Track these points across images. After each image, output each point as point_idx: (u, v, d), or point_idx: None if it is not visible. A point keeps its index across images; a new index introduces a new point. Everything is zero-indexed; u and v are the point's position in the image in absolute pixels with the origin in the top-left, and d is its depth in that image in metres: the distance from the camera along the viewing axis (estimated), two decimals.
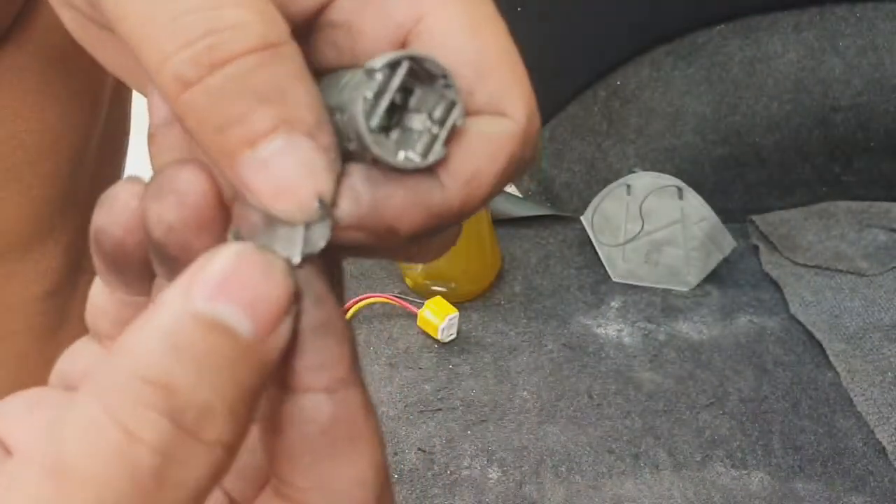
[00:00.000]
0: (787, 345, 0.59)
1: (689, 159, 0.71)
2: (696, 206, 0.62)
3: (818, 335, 0.59)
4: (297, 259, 0.11)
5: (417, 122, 0.11)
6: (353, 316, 0.59)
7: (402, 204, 0.11)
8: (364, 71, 0.11)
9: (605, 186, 0.64)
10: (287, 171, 0.11)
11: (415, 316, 0.58)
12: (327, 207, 0.11)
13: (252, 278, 0.10)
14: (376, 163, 0.11)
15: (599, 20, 0.68)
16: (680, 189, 0.62)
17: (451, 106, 0.11)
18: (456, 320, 0.57)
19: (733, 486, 0.48)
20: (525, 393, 0.54)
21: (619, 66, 0.72)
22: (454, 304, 0.58)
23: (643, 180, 0.63)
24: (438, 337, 0.56)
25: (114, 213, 0.13)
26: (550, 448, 0.50)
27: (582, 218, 0.67)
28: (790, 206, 0.72)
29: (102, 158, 0.37)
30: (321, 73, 0.12)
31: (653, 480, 0.48)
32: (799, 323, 0.61)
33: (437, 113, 0.11)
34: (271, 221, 0.11)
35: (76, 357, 0.14)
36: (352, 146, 0.11)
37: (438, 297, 0.58)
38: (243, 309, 0.10)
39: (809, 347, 0.59)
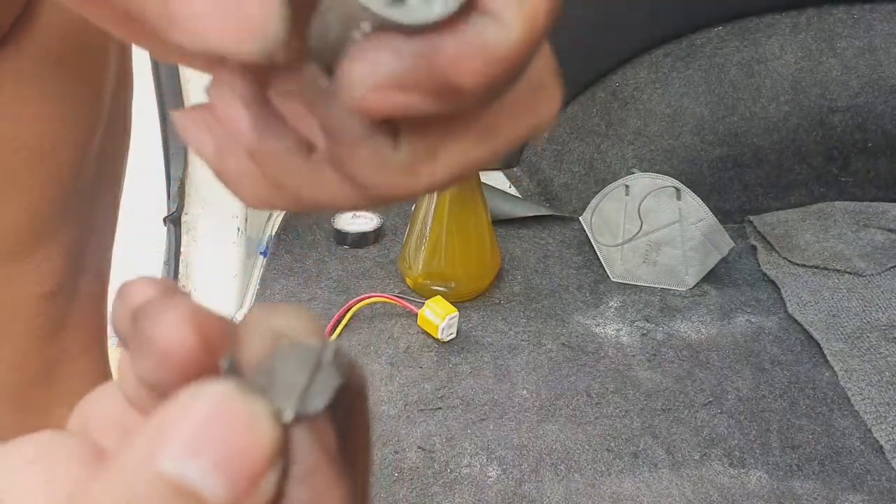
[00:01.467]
0: (785, 344, 0.59)
1: (688, 160, 0.71)
2: (694, 206, 0.62)
3: (816, 335, 0.59)
4: (288, 415, 0.09)
5: None
6: (354, 315, 0.59)
7: (455, 49, 0.09)
8: None
9: (603, 187, 0.64)
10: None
11: (415, 315, 0.58)
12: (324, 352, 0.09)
13: (231, 432, 0.09)
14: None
15: (598, 22, 0.68)
16: (678, 190, 0.62)
17: None
18: (456, 320, 0.57)
19: (731, 485, 0.48)
20: (524, 392, 0.54)
21: (618, 67, 0.72)
22: (454, 303, 0.58)
23: (641, 181, 0.63)
24: (439, 336, 0.57)
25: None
26: (549, 446, 0.50)
27: (581, 218, 0.67)
28: (788, 207, 0.72)
29: (104, 159, 0.37)
30: None
31: (651, 479, 0.48)
32: (797, 322, 0.61)
33: None
34: (275, 357, 0.09)
35: (103, 401, 0.13)
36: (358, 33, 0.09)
37: (439, 297, 0.58)
38: (216, 469, 0.09)
39: (807, 347, 0.59)
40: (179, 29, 0.09)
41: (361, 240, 0.67)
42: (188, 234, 0.63)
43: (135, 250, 0.62)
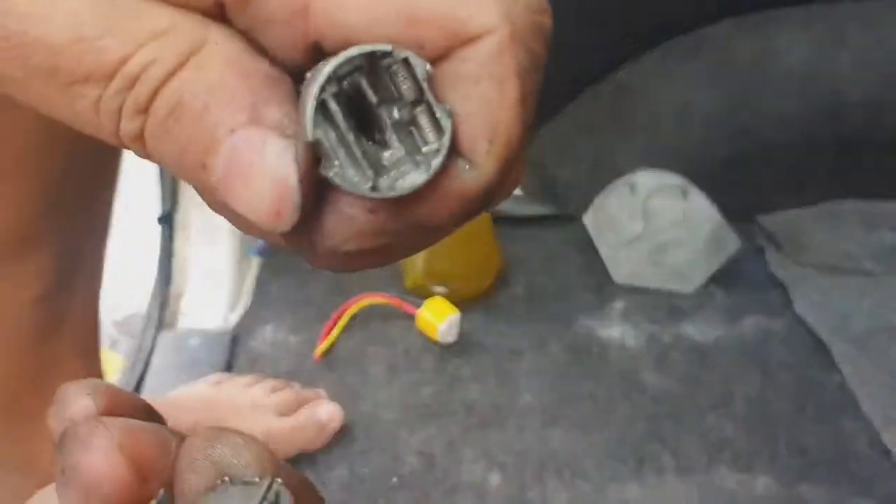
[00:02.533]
0: (793, 347, 0.59)
1: (695, 157, 0.70)
2: (701, 205, 0.61)
3: (824, 337, 0.58)
4: None
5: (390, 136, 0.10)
6: (352, 317, 0.58)
7: (433, 201, 0.10)
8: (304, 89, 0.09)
9: (608, 185, 0.63)
10: (249, 172, 0.09)
11: (414, 318, 0.57)
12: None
13: None
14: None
15: (604, 15, 0.67)
16: (684, 188, 0.61)
17: (407, 67, 0.09)
18: (457, 321, 0.56)
19: (738, 490, 0.47)
20: (528, 396, 0.53)
21: (624, 61, 0.71)
22: (454, 305, 0.57)
23: (647, 179, 0.62)
24: (438, 338, 0.56)
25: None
26: (553, 452, 0.49)
27: (584, 218, 0.66)
28: (798, 205, 0.71)
29: (96, 159, 0.36)
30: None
31: (658, 485, 0.48)
32: (805, 324, 0.60)
33: (405, 87, 0.09)
34: (214, 496, 0.09)
35: None
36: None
37: (438, 298, 0.57)
38: None
39: (816, 349, 0.58)
40: (227, 204, 0.10)
41: None
42: (181, 234, 0.62)
43: (128, 251, 0.61)
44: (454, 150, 0.10)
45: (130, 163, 0.45)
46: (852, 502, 0.47)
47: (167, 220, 0.61)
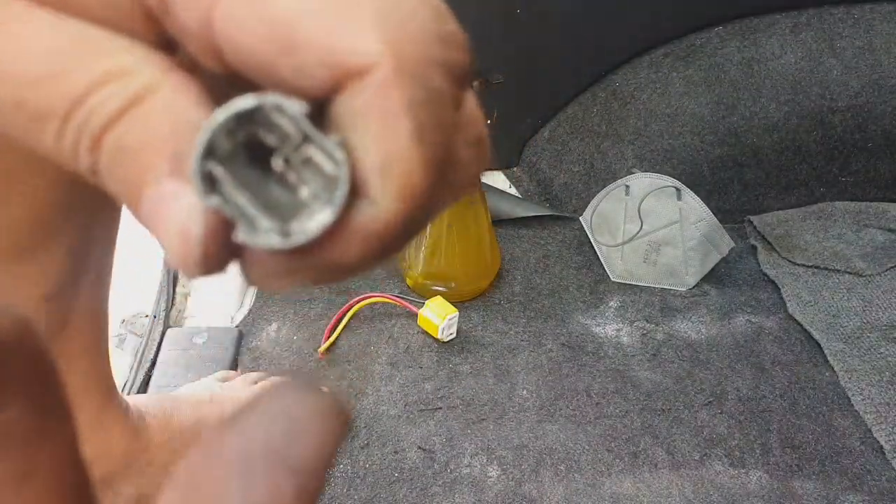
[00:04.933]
0: (785, 344, 0.59)
1: (688, 160, 0.71)
2: (694, 206, 0.62)
3: (816, 335, 0.59)
4: None
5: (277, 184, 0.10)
6: (354, 316, 0.59)
7: (334, 244, 0.10)
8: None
9: (603, 187, 0.64)
10: (163, 220, 0.10)
11: (415, 315, 0.58)
12: None
13: None
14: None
15: (598, 22, 0.68)
16: (678, 190, 0.62)
17: (286, 113, 0.09)
18: (456, 320, 0.57)
19: (731, 485, 0.48)
20: (524, 392, 0.54)
21: (618, 67, 0.72)
22: (454, 303, 0.58)
23: (642, 181, 0.63)
24: (439, 336, 0.57)
25: None
26: (550, 446, 0.50)
27: (581, 218, 0.67)
28: (788, 207, 0.72)
29: None
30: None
31: (651, 479, 0.48)
32: (797, 322, 0.61)
33: (290, 130, 0.09)
34: None
35: None
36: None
37: (439, 297, 0.58)
38: None
39: (807, 347, 0.59)
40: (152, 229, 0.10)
41: None
42: None
43: (135, 249, 0.62)
44: (355, 188, 0.10)
45: None
46: (844, 497, 0.47)
47: None
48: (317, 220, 0.09)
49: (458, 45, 0.10)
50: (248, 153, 0.10)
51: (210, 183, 0.09)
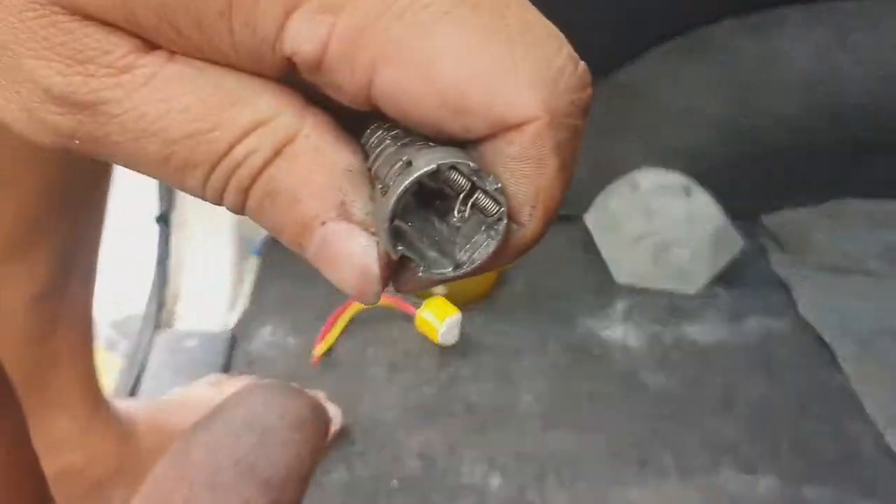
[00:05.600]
0: (796, 347, 0.58)
1: (698, 158, 0.70)
2: (704, 204, 0.61)
3: (827, 337, 0.58)
4: None
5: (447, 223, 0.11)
6: (351, 317, 0.57)
7: (492, 260, 0.12)
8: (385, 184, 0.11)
9: (610, 185, 0.63)
10: (338, 260, 0.11)
11: (413, 317, 0.56)
12: None
13: None
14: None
15: (606, 15, 0.67)
16: (687, 187, 0.60)
17: (456, 166, 0.11)
18: (458, 322, 0.55)
19: (741, 492, 0.47)
20: (528, 397, 0.53)
21: (626, 61, 0.70)
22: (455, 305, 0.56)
23: (649, 178, 0.61)
24: (438, 340, 0.55)
25: None
26: (554, 454, 0.49)
27: (585, 218, 0.65)
28: (799, 205, 0.71)
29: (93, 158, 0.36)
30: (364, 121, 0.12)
31: (659, 486, 0.47)
32: (808, 325, 0.60)
33: (459, 183, 0.11)
34: None
35: None
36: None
37: (438, 298, 0.57)
38: None
39: (819, 350, 0.58)
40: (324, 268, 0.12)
41: None
42: (179, 235, 0.61)
43: (126, 251, 0.60)
44: (514, 221, 0.12)
45: None
46: (856, 503, 0.46)
47: (164, 220, 0.60)
48: (481, 251, 0.11)
49: (588, 85, 0.11)
50: (417, 198, 0.11)
51: (396, 235, 0.11)
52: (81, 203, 0.36)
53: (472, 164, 0.11)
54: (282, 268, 0.63)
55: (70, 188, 0.35)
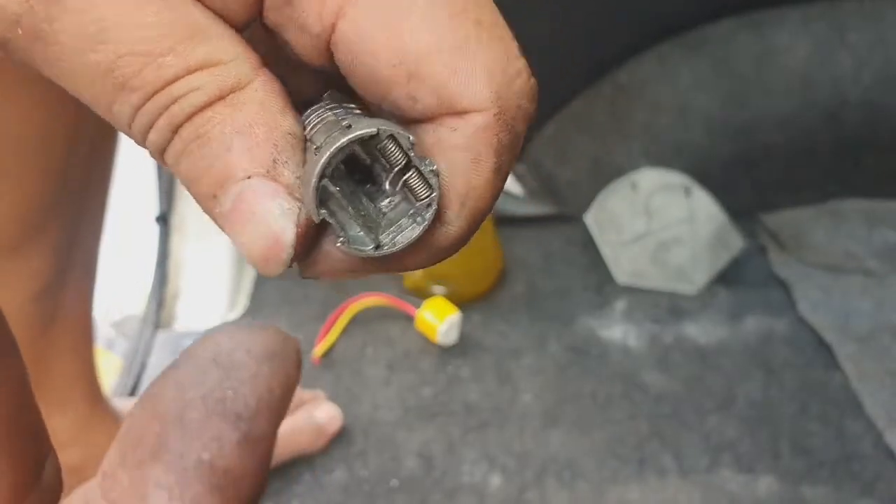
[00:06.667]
0: (796, 346, 0.58)
1: (696, 156, 0.69)
2: (704, 204, 0.61)
3: (827, 337, 0.58)
4: None
5: (386, 198, 0.11)
6: (351, 318, 0.57)
7: (408, 254, 0.11)
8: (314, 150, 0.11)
9: (609, 185, 0.63)
10: (253, 218, 0.10)
11: (413, 317, 0.56)
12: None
13: None
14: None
15: (604, 14, 0.67)
16: (687, 187, 0.60)
17: (394, 139, 0.10)
18: (457, 321, 0.55)
19: (740, 492, 0.47)
20: (528, 397, 0.53)
21: (625, 60, 0.70)
22: (455, 305, 0.56)
23: (649, 177, 0.61)
24: (437, 340, 0.55)
25: None
26: (553, 453, 0.49)
27: (585, 218, 0.65)
28: (799, 204, 0.71)
29: (93, 156, 0.36)
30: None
31: (659, 486, 0.47)
32: (808, 324, 0.60)
33: (395, 157, 0.11)
34: None
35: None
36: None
37: (438, 298, 0.57)
38: None
39: (818, 349, 0.58)
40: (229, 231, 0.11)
41: None
42: (178, 235, 0.61)
43: (125, 251, 0.60)
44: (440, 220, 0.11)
45: (127, 164, 0.44)
46: (855, 503, 0.46)
47: (164, 220, 0.60)
48: (405, 234, 0.11)
49: (535, 101, 0.11)
50: (349, 174, 0.11)
51: (322, 198, 0.10)
52: (82, 200, 0.37)
53: (411, 138, 0.10)
54: None
55: (70, 187, 0.35)
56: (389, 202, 0.11)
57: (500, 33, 0.11)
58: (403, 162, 0.11)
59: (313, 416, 0.47)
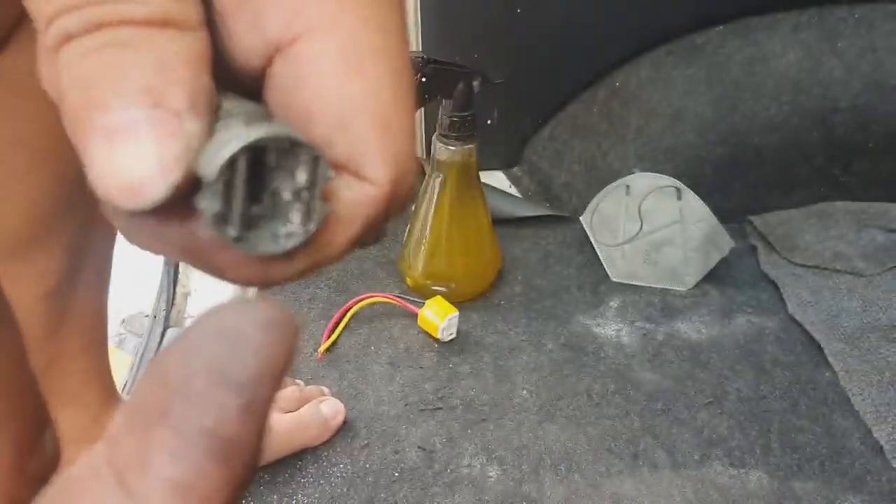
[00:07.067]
0: (786, 345, 0.59)
1: (689, 159, 0.71)
2: (694, 206, 0.62)
3: (816, 335, 0.59)
4: None
5: (285, 192, 0.11)
6: (354, 316, 0.59)
7: (237, 266, 0.11)
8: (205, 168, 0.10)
9: (604, 186, 0.64)
10: (133, 147, 0.09)
11: (415, 315, 0.58)
12: None
13: None
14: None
15: (599, 20, 0.68)
16: (679, 189, 0.62)
17: (315, 162, 0.10)
18: (456, 320, 0.57)
19: (732, 486, 0.48)
20: (525, 392, 0.54)
21: (619, 66, 0.72)
22: (454, 304, 0.58)
23: (642, 181, 0.63)
24: (439, 336, 0.57)
25: None
26: (550, 447, 0.50)
27: (581, 218, 0.67)
28: (789, 207, 0.72)
29: None
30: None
31: (652, 480, 0.48)
32: (797, 323, 0.61)
33: (302, 176, 0.10)
34: None
35: None
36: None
37: (439, 297, 0.58)
38: None
39: (808, 347, 0.59)
40: (82, 147, 0.10)
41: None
42: None
43: (134, 250, 0.61)
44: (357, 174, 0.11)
45: None
46: (844, 498, 0.47)
47: None
48: (262, 246, 0.11)
49: (414, 171, 0.12)
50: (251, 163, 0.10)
51: (231, 164, 0.10)
52: (94, 200, 0.37)
53: (330, 174, 0.10)
54: None
55: (83, 186, 0.35)
56: (267, 215, 0.11)
57: (412, 110, 0.11)
58: (306, 185, 0.10)
59: (318, 410, 0.48)
